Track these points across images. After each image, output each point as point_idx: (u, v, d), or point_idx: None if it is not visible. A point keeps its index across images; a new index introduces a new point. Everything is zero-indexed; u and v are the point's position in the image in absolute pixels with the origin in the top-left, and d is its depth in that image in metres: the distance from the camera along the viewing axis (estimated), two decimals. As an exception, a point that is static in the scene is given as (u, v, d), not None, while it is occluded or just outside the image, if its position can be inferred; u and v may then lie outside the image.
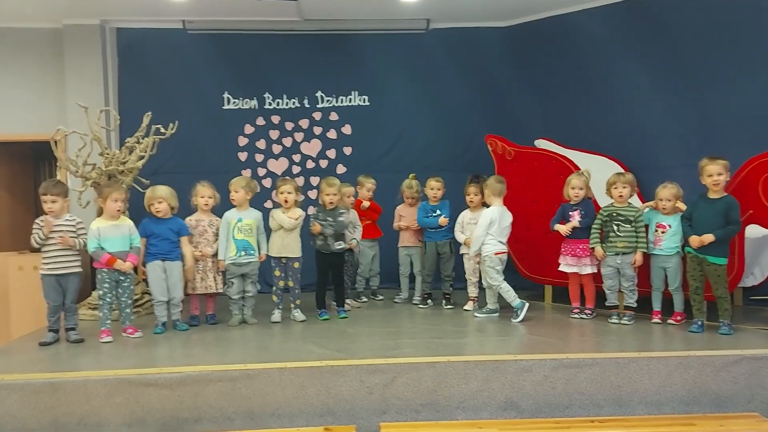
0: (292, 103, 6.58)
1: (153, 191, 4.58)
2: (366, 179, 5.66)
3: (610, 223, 4.58)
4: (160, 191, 4.57)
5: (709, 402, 3.50)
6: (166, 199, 4.56)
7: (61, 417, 3.30)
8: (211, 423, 3.37)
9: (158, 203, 4.52)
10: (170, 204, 4.59)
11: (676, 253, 4.39)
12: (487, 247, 4.78)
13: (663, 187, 4.46)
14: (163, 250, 4.49)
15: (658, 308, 4.51)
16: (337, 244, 4.90)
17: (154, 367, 3.46)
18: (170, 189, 4.64)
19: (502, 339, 4.20)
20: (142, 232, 4.47)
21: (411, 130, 6.63)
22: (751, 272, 4.81)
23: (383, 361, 3.53)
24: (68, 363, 3.73)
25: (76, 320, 4.30)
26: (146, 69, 6.40)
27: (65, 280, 4.20)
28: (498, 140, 5.60)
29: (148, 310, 5.08)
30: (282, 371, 3.44)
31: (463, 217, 5.16)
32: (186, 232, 4.62)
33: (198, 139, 6.32)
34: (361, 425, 3.39)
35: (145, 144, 5.21)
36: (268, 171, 6.58)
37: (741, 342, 3.86)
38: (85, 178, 5.04)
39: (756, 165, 4.27)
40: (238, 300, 4.72)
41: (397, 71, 6.59)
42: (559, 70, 6.16)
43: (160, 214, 4.53)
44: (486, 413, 3.48)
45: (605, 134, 5.80)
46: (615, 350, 3.77)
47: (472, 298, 5.22)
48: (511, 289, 4.75)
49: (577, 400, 3.51)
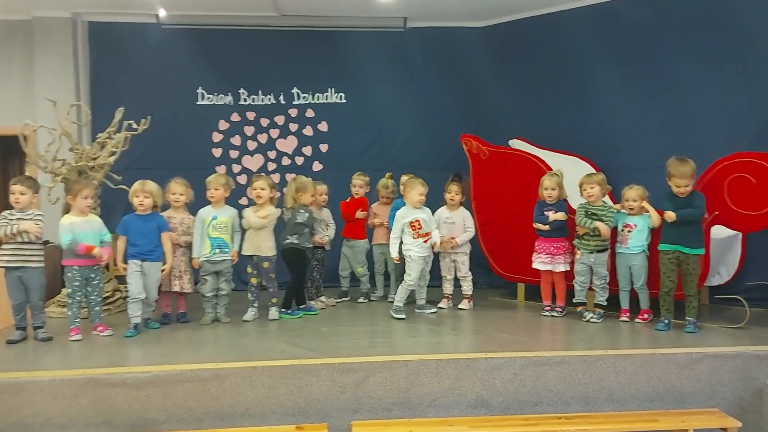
0: (267, 99, 6.54)
1: (143, 184, 4.50)
2: (359, 177, 5.63)
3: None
4: (151, 186, 4.51)
5: (672, 399, 3.58)
6: (154, 196, 4.50)
7: (26, 417, 3.25)
8: (180, 423, 3.34)
9: (144, 197, 4.45)
10: (156, 201, 4.53)
11: (641, 251, 4.48)
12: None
13: (629, 188, 4.53)
14: (144, 250, 4.40)
15: (626, 307, 4.59)
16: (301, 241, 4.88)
17: (124, 366, 3.42)
18: (159, 187, 4.58)
19: (475, 337, 4.24)
20: (122, 229, 4.40)
21: (388, 129, 6.64)
22: (717, 272, 4.93)
23: (355, 359, 3.54)
24: (34, 362, 3.67)
25: (43, 318, 4.22)
26: (119, 63, 6.31)
27: (26, 275, 4.09)
28: (473, 140, 5.64)
29: (119, 308, 5.03)
30: (253, 371, 3.43)
31: (439, 216, 5.19)
32: (166, 228, 4.55)
33: (171, 135, 6.24)
34: (333, 424, 3.40)
35: (116, 140, 5.14)
36: (243, 168, 6.54)
37: (705, 340, 3.96)
38: (54, 173, 4.95)
39: (722, 167, 4.37)
40: (211, 298, 4.68)
41: (375, 69, 6.58)
42: (535, 70, 6.22)
43: (141, 208, 4.45)
44: (457, 411, 3.52)
45: (579, 135, 5.87)
46: (583, 348, 3.83)
47: (446, 295, 5.25)
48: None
49: (546, 398, 3.56)
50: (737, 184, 4.29)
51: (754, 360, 3.64)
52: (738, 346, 3.76)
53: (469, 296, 5.19)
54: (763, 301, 4.93)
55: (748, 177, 4.25)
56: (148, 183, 4.53)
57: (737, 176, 4.29)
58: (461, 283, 5.19)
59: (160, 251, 4.49)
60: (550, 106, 6.11)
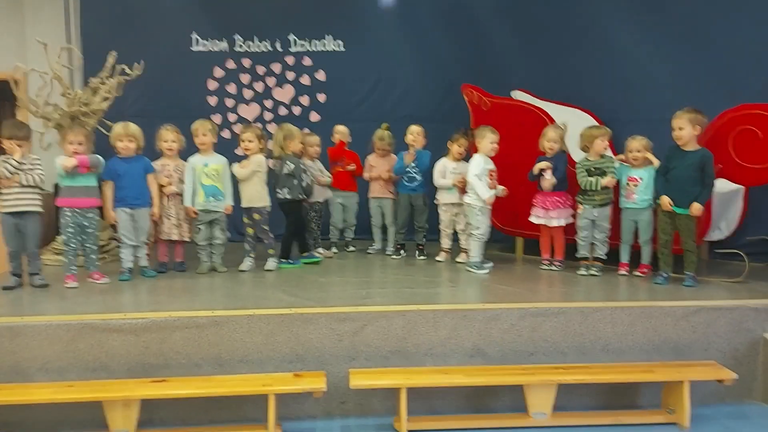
0: (263, 46, 6.36)
1: (125, 127, 4.40)
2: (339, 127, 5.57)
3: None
4: (133, 128, 4.41)
5: (669, 350, 3.59)
6: (137, 138, 4.41)
7: (22, 362, 3.25)
8: (179, 369, 3.35)
9: (128, 141, 4.36)
10: (139, 143, 4.44)
11: (648, 206, 4.41)
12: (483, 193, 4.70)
13: (632, 138, 4.44)
14: (131, 194, 4.36)
15: (626, 261, 4.57)
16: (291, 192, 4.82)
17: (120, 312, 3.41)
18: (140, 129, 4.48)
19: (472, 289, 4.24)
20: (107, 175, 4.33)
21: (388, 79, 6.48)
22: (718, 227, 4.90)
23: (353, 309, 3.53)
24: (30, 307, 3.66)
25: (39, 265, 4.20)
26: (111, 7, 6.14)
27: (23, 221, 4.06)
28: (474, 90, 5.50)
29: (114, 256, 5.00)
30: (251, 318, 3.42)
31: (445, 166, 5.10)
32: (152, 170, 4.48)
33: (165, 82, 6.11)
34: (330, 371, 3.41)
35: (109, 85, 5.00)
36: (240, 117, 6.41)
37: (703, 294, 3.95)
38: (46, 118, 4.83)
39: (728, 119, 4.27)
40: (205, 246, 4.66)
41: (374, 17, 6.39)
42: (540, 18, 6.03)
43: (125, 152, 4.37)
44: (454, 360, 3.53)
45: (583, 86, 5.73)
46: (580, 300, 3.82)
47: (444, 249, 5.23)
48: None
49: (542, 348, 3.58)
50: (743, 137, 4.20)
51: (751, 313, 3.63)
52: (735, 299, 3.75)
53: (468, 250, 5.16)
54: (763, 255, 4.91)
55: (755, 129, 4.15)
56: (130, 125, 4.43)
57: (743, 128, 4.20)
58: (460, 236, 5.15)
59: (148, 195, 4.44)
60: (554, 56, 5.95)
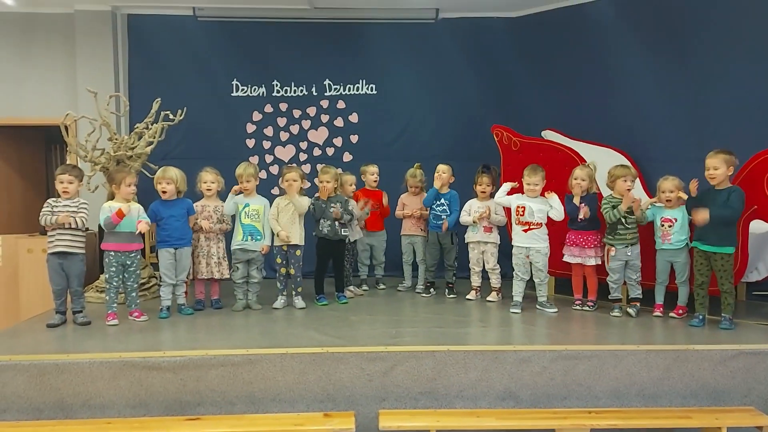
0: (300, 90, 6.61)
1: (164, 171, 4.62)
2: (368, 167, 5.70)
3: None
4: (171, 172, 4.61)
5: (706, 396, 3.52)
6: (175, 182, 4.60)
7: (66, 398, 3.38)
8: (213, 407, 3.43)
9: (166, 184, 4.57)
10: (179, 188, 4.64)
11: (684, 245, 4.37)
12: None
13: (664, 179, 4.44)
14: (174, 236, 4.54)
15: (660, 301, 4.50)
16: (344, 230, 4.98)
17: (158, 350, 3.52)
18: (181, 173, 4.68)
19: (503, 329, 4.22)
20: (152, 217, 4.53)
21: (418, 120, 6.65)
22: (755, 267, 4.79)
23: (383, 348, 3.56)
24: (74, 345, 3.80)
25: (82, 303, 4.37)
26: (156, 55, 6.45)
27: (67, 261, 4.23)
28: (504, 130, 5.59)
29: (154, 294, 5.17)
30: (283, 357, 3.49)
31: (470, 206, 5.17)
32: (193, 212, 4.69)
33: (206, 126, 6.38)
34: (360, 412, 3.44)
35: (153, 130, 5.26)
36: (275, 158, 6.63)
37: (741, 337, 3.86)
38: (93, 162, 5.09)
39: (762, 160, 4.23)
40: (242, 284, 4.79)
41: (406, 61, 6.59)
42: (567, 61, 6.14)
43: (165, 195, 4.57)
44: (485, 402, 3.52)
45: (611, 126, 5.77)
46: (614, 342, 3.78)
47: (475, 287, 5.24)
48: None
49: (575, 392, 3.54)
50: (777, 178, 4.16)
51: (792, 358, 3.54)
52: (776, 343, 3.67)
53: (498, 288, 5.16)
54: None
55: (790, 170, 4.12)
56: (169, 169, 4.63)
57: (777, 170, 4.17)
58: (489, 275, 5.17)
59: (190, 236, 4.64)
60: (581, 97, 6.03)
